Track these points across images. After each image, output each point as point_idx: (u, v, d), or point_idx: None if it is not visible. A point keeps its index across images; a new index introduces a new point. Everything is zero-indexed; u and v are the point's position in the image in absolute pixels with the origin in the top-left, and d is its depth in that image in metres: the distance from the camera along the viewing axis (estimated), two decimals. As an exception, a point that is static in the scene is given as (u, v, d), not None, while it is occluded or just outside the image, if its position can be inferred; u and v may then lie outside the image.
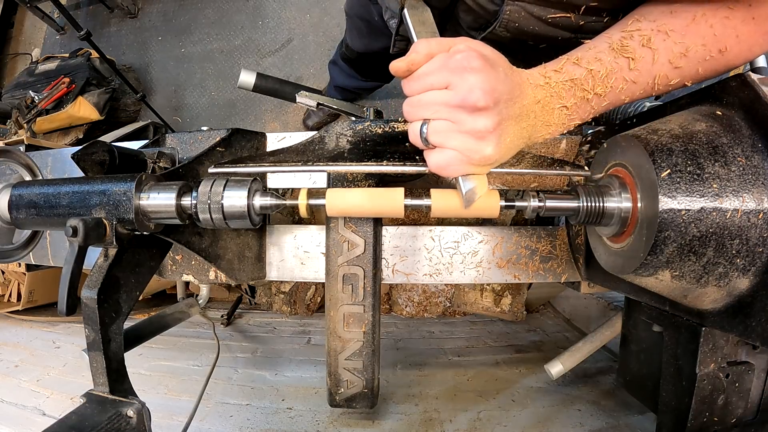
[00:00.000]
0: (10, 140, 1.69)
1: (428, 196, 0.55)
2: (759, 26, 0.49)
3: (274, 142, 0.83)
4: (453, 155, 0.47)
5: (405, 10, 0.60)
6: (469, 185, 0.49)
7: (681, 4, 0.50)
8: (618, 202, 0.51)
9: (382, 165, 0.56)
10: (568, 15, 0.60)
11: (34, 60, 2.29)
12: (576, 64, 0.50)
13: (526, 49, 0.68)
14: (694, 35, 0.49)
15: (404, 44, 0.87)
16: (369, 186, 0.71)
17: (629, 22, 0.52)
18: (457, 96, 0.44)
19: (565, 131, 0.53)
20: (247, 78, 1.19)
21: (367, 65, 1.51)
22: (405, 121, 0.65)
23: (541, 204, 0.55)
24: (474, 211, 0.55)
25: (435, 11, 0.62)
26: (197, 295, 1.24)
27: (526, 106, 0.47)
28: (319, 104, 0.80)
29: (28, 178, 0.79)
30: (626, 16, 0.53)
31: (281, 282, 1.65)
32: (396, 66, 0.48)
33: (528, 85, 0.48)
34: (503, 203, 0.55)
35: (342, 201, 0.58)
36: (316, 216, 1.19)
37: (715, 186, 0.42)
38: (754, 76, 0.43)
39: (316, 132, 0.68)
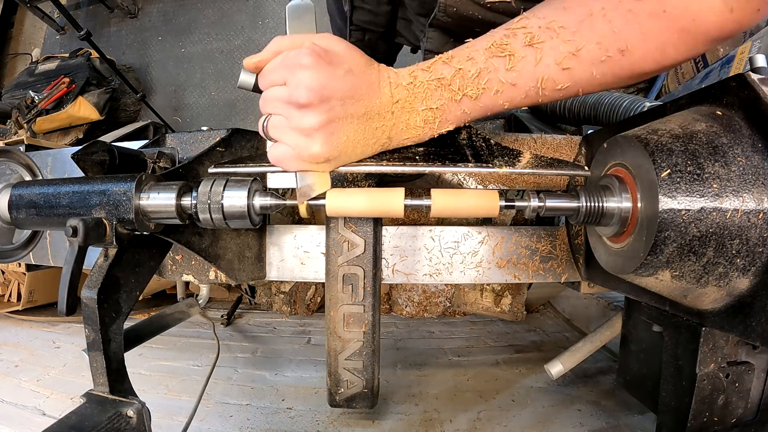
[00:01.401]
0: (10, 140, 1.69)
1: (428, 196, 0.55)
2: (671, 22, 0.42)
3: (274, 142, 0.83)
4: (285, 150, 0.47)
5: (287, 6, 0.59)
6: (306, 181, 0.50)
7: None
8: (618, 202, 0.51)
9: (381, 165, 0.56)
10: (507, 0, 0.59)
11: (34, 60, 2.29)
12: (446, 63, 0.47)
13: (474, 36, 0.67)
14: (588, 32, 0.44)
15: (360, 34, 0.87)
16: (369, 186, 0.71)
17: (518, 19, 0.48)
18: (286, 92, 0.44)
19: (436, 134, 0.51)
20: (247, 78, 1.18)
21: None
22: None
23: (541, 204, 0.55)
24: (474, 211, 0.55)
25: None
26: (197, 295, 1.24)
27: (378, 105, 0.47)
28: (318, 104, 0.80)
29: (28, 178, 0.79)
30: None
31: (281, 282, 1.65)
32: (246, 62, 0.49)
33: (386, 84, 0.47)
34: (503, 203, 0.55)
35: (342, 201, 0.58)
36: (316, 216, 1.19)
37: (715, 186, 0.42)
38: (754, 76, 0.43)
39: (316, 132, 0.68)
